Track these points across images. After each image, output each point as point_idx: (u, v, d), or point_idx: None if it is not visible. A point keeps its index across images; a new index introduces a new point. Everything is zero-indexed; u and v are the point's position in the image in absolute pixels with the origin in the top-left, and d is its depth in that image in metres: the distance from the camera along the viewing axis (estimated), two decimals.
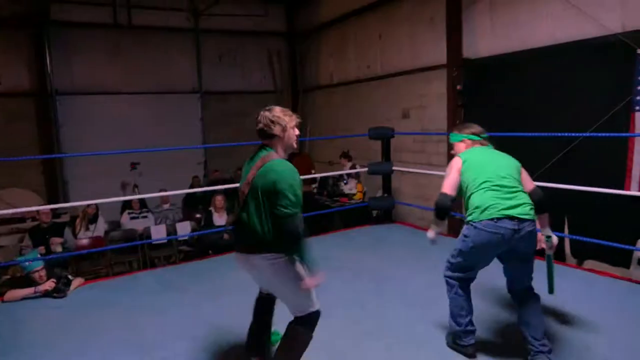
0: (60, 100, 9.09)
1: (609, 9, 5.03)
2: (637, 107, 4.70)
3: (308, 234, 2.41)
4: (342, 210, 7.30)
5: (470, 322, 2.83)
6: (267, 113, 2.45)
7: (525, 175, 2.89)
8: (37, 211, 5.85)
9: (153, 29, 9.78)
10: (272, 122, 2.43)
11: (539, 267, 2.97)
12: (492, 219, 2.62)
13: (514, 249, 2.69)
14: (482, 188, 2.73)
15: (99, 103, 9.41)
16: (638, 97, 4.67)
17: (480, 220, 2.65)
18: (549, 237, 2.93)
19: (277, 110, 2.47)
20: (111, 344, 3.19)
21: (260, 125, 2.46)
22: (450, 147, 3.20)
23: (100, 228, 6.97)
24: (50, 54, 8.93)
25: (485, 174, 2.77)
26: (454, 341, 2.89)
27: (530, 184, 2.87)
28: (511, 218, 2.61)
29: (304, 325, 2.47)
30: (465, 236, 2.75)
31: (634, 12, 4.84)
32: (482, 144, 3.04)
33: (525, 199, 2.72)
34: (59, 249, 5.85)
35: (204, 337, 3.25)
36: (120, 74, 9.58)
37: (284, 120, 2.45)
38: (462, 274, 2.84)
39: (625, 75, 4.79)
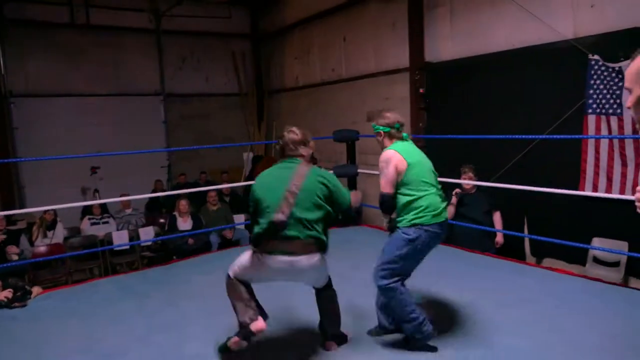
0: (15, 102, 8.73)
1: (562, 16, 5.23)
2: (589, 110, 4.89)
3: None
4: None
5: (421, 312, 2.87)
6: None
7: None
8: None
9: (113, 29, 9.53)
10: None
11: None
12: (439, 223, 2.82)
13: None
14: (429, 190, 2.84)
15: (56, 105, 9.09)
16: (590, 101, 4.87)
17: (431, 224, 2.78)
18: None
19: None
20: (68, 354, 3.09)
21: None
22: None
23: (59, 234, 6.74)
24: (4, 54, 8.58)
25: (425, 174, 2.88)
26: (415, 337, 2.88)
27: None
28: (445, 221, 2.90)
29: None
30: (412, 240, 2.78)
31: (585, 19, 5.05)
32: (403, 138, 3.03)
33: None
34: (15, 258, 5.62)
35: (164, 344, 3.18)
36: (79, 75, 9.28)
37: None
38: (400, 277, 2.87)
39: (577, 80, 4.99)
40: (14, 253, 5.59)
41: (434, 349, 2.89)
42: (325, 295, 2.97)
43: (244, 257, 2.85)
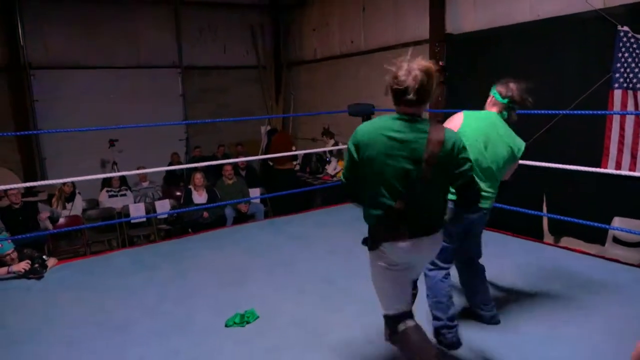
0: (35, 74, 8.84)
1: None
2: (616, 85, 4.69)
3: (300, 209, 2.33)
4: (324, 188, 7.29)
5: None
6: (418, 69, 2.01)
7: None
8: (5, 192, 5.70)
9: (130, 1, 9.50)
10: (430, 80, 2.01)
11: None
12: None
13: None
14: None
15: (75, 78, 9.17)
16: (617, 75, 4.66)
17: None
18: None
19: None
20: (80, 325, 3.19)
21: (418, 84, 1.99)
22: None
23: (77, 206, 6.88)
24: (23, 26, 8.64)
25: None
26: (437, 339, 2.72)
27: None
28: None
29: None
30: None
31: None
32: (500, 110, 2.91)
33: None
34: (48, 223, 5.77)
35: (173, 315, 3.25)
36: (96, 47, 9.31)
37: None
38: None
39: (605, 52, 4.77)
40: (45, 218, 5.72)
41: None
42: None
43: None
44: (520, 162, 4.48)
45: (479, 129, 2.68)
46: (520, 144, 2.80)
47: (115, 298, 3.57)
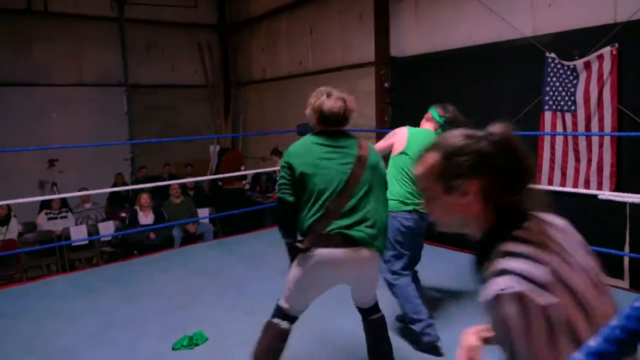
0: None
1: (521, 14, 5.34)
2: (546, 107, 5.02)
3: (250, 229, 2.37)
4: (274, 207, 7.27)
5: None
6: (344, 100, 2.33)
7: None
8: None
9: (73, 16, 9.21)
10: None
11: None
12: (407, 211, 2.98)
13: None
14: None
15: (12, 95, 8.73)
16: (546, 98, 5.00)
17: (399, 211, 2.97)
18: None
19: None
20: (17, 354, 3.01)
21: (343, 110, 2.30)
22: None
23: (12, 230, 6.52)
24: None
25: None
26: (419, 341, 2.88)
27: None
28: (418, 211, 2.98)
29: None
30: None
31: (543, 17, 5.17)
32: (434, 128, 3.27)
33: None
34: None
35: (118, 342, 3.13)
36: (37, 64, 8.93)
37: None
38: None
39: (536, 76, 5.11)
40: None
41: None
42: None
43: None
44: None
45: (421, 144, 2.85)
46: None
47: (55, 326, 3.40)
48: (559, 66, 4.88)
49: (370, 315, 2.45)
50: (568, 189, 4.72)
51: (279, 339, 2.30)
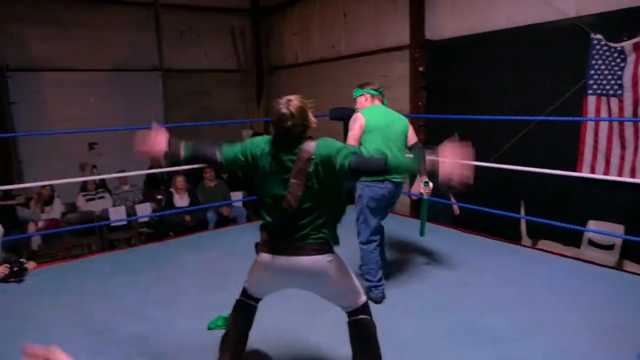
0: (12, 76, 8.64)
1: None
2: (590, 91, 4.82)
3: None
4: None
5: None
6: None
7: (411, 132, 3.47)
8: None
9: (108, 2, 9.37)
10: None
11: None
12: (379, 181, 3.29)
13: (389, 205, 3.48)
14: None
15: (54, 80, 8.99)
16: (590, 81, 4.79)
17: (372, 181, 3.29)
18: (426, 182, 3.42)
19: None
20: (59, 328, 3.13)
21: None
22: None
23: (56, 210, 6.76)
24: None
25: (378, 140, 3.30)
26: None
27: (414, 138, 3.47)
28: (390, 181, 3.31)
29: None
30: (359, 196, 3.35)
31: None
32: (379, 100, 3.53)
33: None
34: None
35: (155, 319, 3.21)
36: (76, 49, 9.15)
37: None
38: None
39: (579, 59, 4.90)
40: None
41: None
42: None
43: None
44: (500, 166, 4.59)
45: (380, 118, 3.35)
46: (405, 119, 3.52)
47: (96, 302, 3.51)
48: (605, 48, 4.66)
49: (350, 316, 2.34)
50: (612, 177, 4.54)
51: (242, 315, 2.47)
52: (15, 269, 3.93)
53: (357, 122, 3.32)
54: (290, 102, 2.20)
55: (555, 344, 2.77)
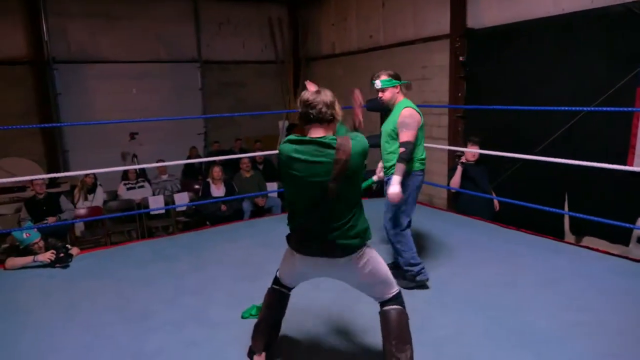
0: (58, 68, 8.97)
1: None
2: None
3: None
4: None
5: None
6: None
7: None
8: (31, 182, 5.81)
9: None
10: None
11: None
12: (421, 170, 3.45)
13: None
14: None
15: (97, 71, 9.29)
16: None
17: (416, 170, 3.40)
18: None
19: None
20: (100, 312, 3.23)
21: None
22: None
23: (98, 198, 6.98)
24: (47, 21, 8.76)
25: (422, 138, 3.44)
26: (412, 279, 3.41)
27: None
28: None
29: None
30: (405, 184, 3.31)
31: None
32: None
33: None
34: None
35: (190, 307, 3.28)
36: (117, 41, 9.41)
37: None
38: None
39: (632, 47, 4.63)
40: (52, 222, 5.62)
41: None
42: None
43: None
44: (543, 159, 4.41)
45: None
46: None
47: (135, 287, 3.61)
48: None
49: (382, 306, 2.35)
50: None
51: (275, 302, 2.52)
52: (61, 255, 4.08)
53: (415, 120, 3.30)
54: (320, 90, 2.26)
55: (598, 347, 2.64)
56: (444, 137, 7.10)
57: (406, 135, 3.25)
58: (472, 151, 5.03)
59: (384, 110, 5.67)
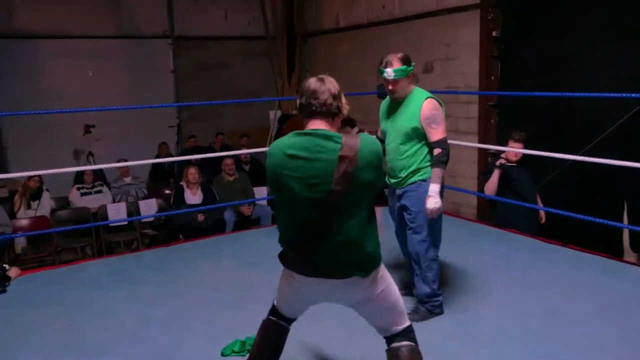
0: None
1: None
2: None
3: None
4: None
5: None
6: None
7: None
8: None
9: None
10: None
11: None
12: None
13: None
14: None
15: (44, 49, 9.29)
16: None
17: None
18: None
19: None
20: (48, 349, 3.22)
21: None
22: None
23: (45, 206, 6.98)
24: None
25: None
26: (433, 310, 3.48)
27: None
28: None
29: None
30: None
31: None
32: None
33: None
34: None
35: (159, 341, 3.27)
36: (70, 12, 9.40)
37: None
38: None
39: None
40: None
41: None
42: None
43: None
44: (595, 160, 4.41)
45: None
46: None
47: (91, 318, 3.60)
48: None
49: (390, 342, 2.36)
50: None
51: (271, 338, 2.52)
52: None
53: (441, 113, 3.36)
54: (324, 78, 2.30)
55: None
56: (473, 132, 7.10)
57: (440, 132, 3.29)
58: (513, 150, 4.99)
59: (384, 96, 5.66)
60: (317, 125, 2.23)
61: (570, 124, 5.76)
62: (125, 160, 7.37)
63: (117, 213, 6.89)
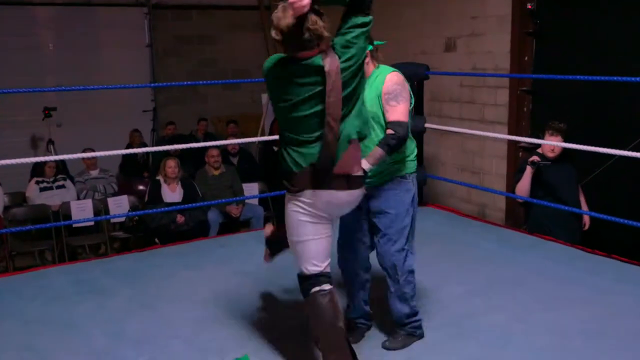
0: None
1: None
2: None
3: None
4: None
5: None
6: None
7: None
8: None
9: None
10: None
11: None
12: None
13: None
14: None
15: None
16: None
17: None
18: None
19: None
20: None
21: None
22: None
23: None
24: None
25: None
26: (414, 333, 3.41)
27: None
28: None
29: None
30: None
31: None
32: None
33: None
34: None
35: None
36: None
37: None
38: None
39: None
40: None
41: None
42: None
43: None
44: (630, 154, 4.40)
45: None
46: None
47: (51, 336, 3.59)
48: None
49: None
50: None
51: (329, 306, 2.81)
52: None
53: (406, 90, 3.25)
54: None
55: None
56: (502, 121, 7.09)
57: (399, 112, 3.11)
58: (549, 143, 4.97)
59: (416, 79, 5.66)
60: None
61: (617, 113, 5.75)
62: (92, 150, 7.37)
63: (82, 212, 6.89)
